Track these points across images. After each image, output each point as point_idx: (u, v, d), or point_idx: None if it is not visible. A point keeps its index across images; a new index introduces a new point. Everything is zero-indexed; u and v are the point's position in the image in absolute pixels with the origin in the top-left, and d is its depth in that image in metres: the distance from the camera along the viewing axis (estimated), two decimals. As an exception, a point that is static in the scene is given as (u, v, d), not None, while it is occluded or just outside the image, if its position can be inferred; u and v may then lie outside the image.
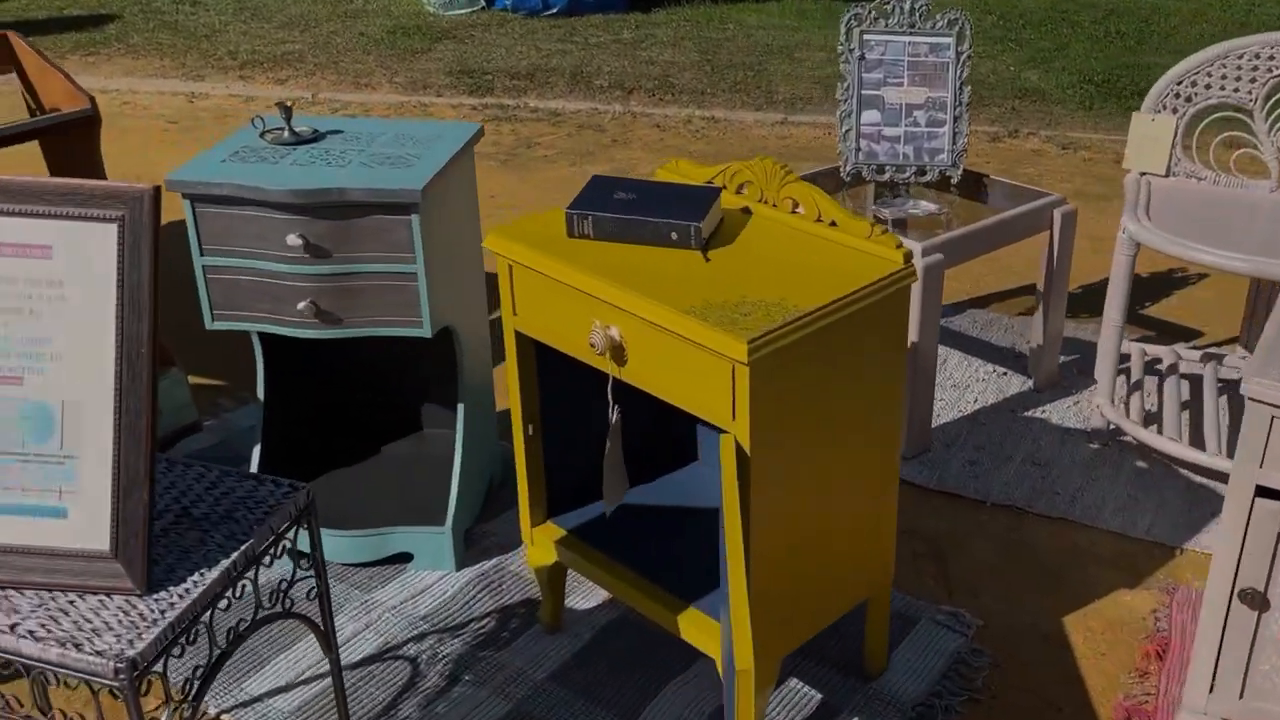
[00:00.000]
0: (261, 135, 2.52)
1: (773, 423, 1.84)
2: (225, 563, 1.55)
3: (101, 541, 1.50)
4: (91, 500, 1.50)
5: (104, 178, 2.80)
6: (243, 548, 1.58)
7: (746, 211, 2.17)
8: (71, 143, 2.78)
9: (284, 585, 1.67)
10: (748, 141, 5.57)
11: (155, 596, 1.50)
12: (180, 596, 1.50)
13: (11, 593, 1.50)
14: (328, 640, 1.78)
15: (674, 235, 2.03)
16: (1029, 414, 3.17)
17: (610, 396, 2.02)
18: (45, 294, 1.50)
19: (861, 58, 3.17)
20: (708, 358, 1.82)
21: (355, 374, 2.91)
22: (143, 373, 1.48)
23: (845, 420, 1.99)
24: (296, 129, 2.52)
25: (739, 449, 1.82)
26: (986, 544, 2.70)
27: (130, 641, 1.42)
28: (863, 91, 3.18)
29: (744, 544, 1.85)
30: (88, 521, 1.50)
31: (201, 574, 1.54)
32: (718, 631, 2.01)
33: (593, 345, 1.95)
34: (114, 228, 1.48)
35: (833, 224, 2.06)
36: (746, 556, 1.86)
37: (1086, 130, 5.65)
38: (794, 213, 2.12)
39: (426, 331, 2.40)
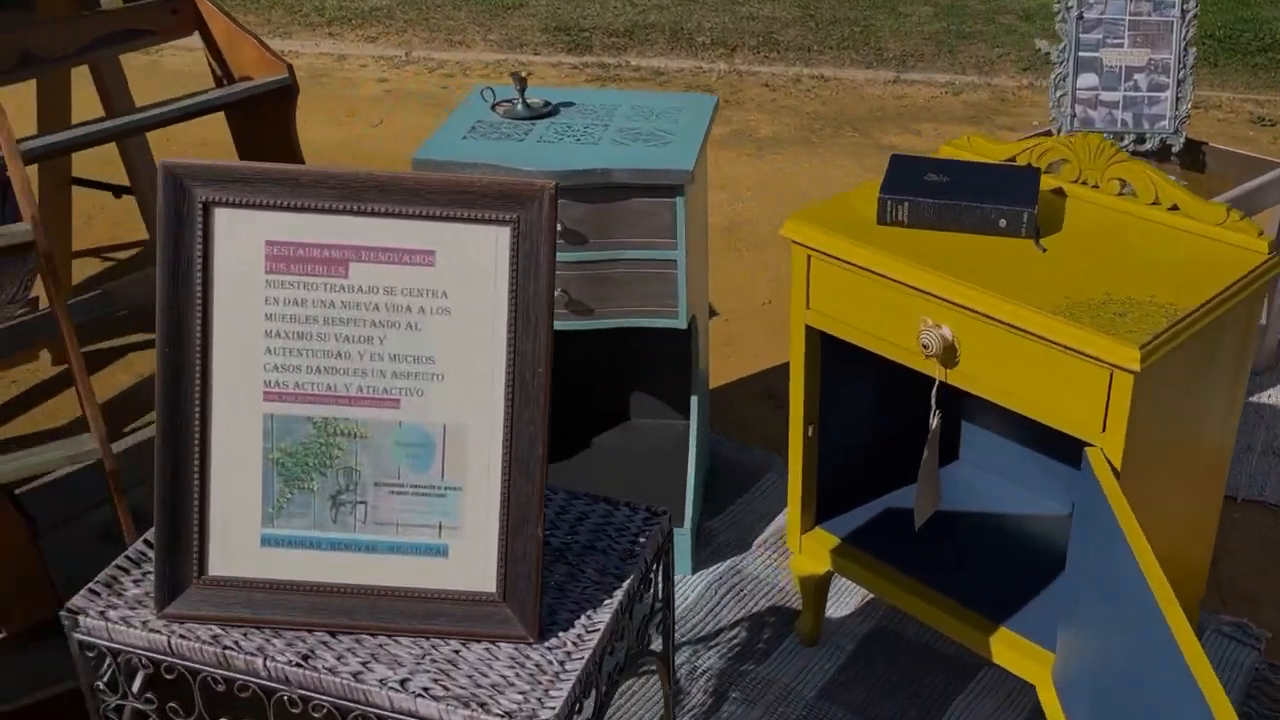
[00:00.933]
0: (493, 108, 2.33)
1: (1146, 435, 1.67)
2: (611, 603, 1.39)
3: (487, 583, 1.34)
4: (476, 537, 1.34)
5: (299, 154, 2.61)
6: (624, 585, 1.41)
7: (1060, 194, 1.99)
8: (263, 116, 2.59)
9: (644, 620, 1.51)
10: (863, 101, 5.36)
11: (547, 644, 1.34)
12: (575, 644, 1.33)
13: (386, 640, 1.34)
14: (669, 675, 1.62)
15: (1002, 222, 1.85)
16: (1255, 399, 3.00)
17: (933, 402, 1.85)
18: (427, 305, 1.32)
19: (1080, 17, 2.97)
20: (1076, 363, 1.64)
21: (558, 360, 2.73)
22: (537, 395, 1.31)
23: (1194, 426, 1.82)
24: (528, 100, 2.33)
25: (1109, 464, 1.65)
26: (1248, 543, 2.54)
27: (539, 699, 1.26)
28: (1079, 54, 2.99)
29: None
30: (472, 560, 1.34)
31: (589, 616, 1.37)
32: (1045, 659, 1.85)
33: (924, 347, 1.78)
34: (507, 231, 1.30)
35: (1173, 208, 1.88)
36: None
37: (1214, 89, 5.44)
38: (1121, 195, 1.94)
39: (681, 322, 2.23)
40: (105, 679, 1.39)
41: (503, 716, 1.24)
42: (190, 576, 1.35)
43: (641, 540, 1.49)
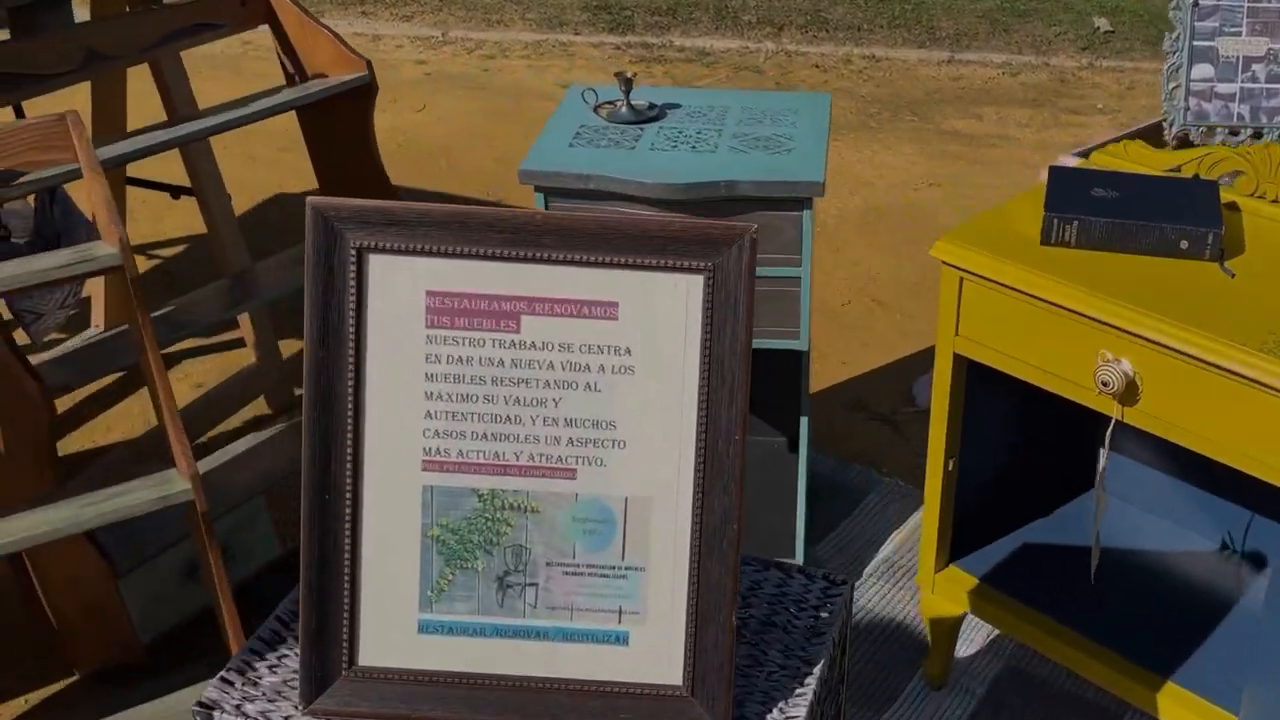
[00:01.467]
0: (595, 110, 2.17)
1: (1358, 484, 1.52)
2: (805, 694, 1.24)
3: (673, 674, 1.19)
4: (660, 623, 1.19)
5: (377, 155, 2.45)
6: (816, 673, 1.26)
7: (1234, 209, 1.83)
8: (338, 114, 2.43)
9: (828, 688, 1.36)
10: (917, 83, 5.18)
11: (742, 743, 1.19)
12: (772, 742, 1.19)
13: (560, 739, 1.19)
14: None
15: (1184, 244, 1.69)
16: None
17: (1107, 443, 1.70)
18: (608, 364, 1.17)
19: (1195, 4, 2.80)
20: (1283, 406, 1.49)
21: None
22: (731, 466, 1.16)
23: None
24: (634, 102, 2.16)
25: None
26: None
27: (744, 812, 1.12)
28: (1194, 43, 2.82)
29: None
30: (655, 649, 1.19)
31: (782, 710, 1.22)
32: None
33: (1103, 384, 1.63)
34: (700, 280, 1.15)
35: (1366, 230, 1.72)
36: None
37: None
38: (1304, 213, 1.79)
39: (803, 344, 2.08)
40: (239, 776, 1.25)
41: (705, 833, 1.10)
42: (339, 667, 1.20)
43: (824, 615, 1.34)
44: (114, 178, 2.96)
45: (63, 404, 2.94)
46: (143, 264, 3.55)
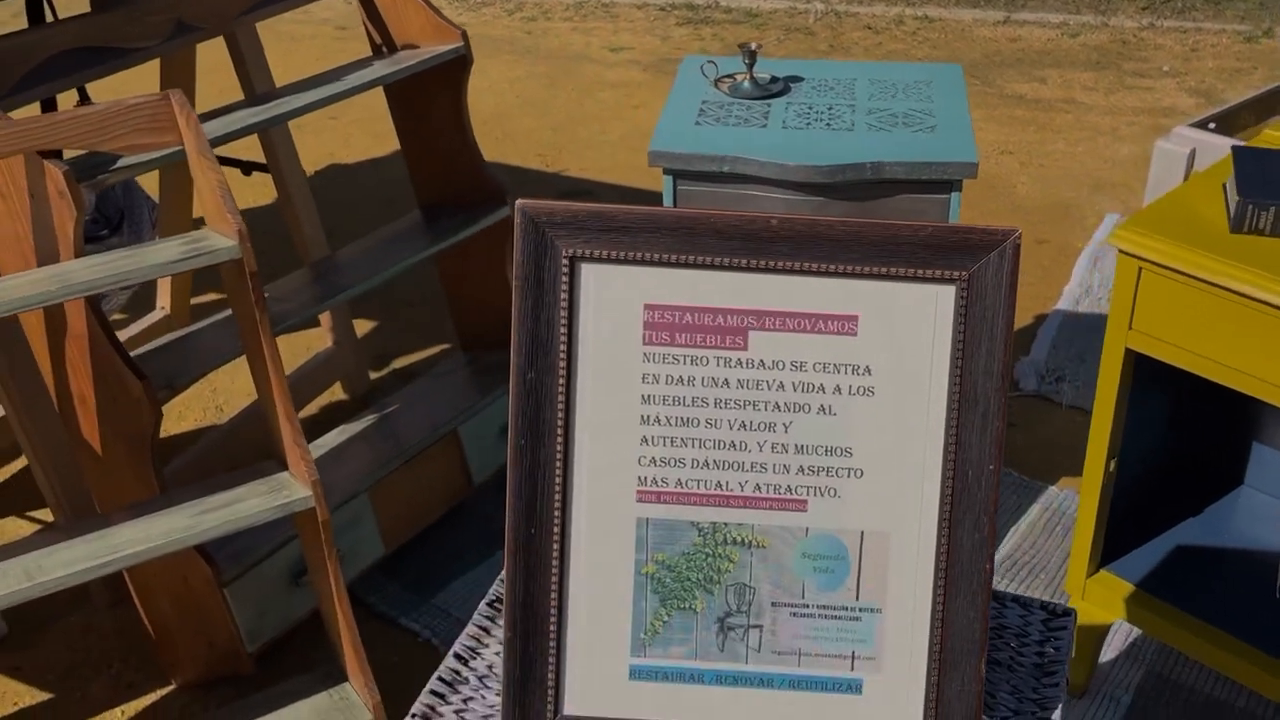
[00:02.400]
0: (715, 84, 2.04)
1: None
2: (1045, 740, 1.14)
3: (912, 725, 1.09)
4: (898, 671, 1.08)
5: (470, 134, 2.33)
6: (1055, 717, 1.16)
7: None
8: (429, 89, 2.30)
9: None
10: (974, 44, 5.04)
11: (987, 798, 1.09)
12: (1019, 797, 1.09)
13: (786, 793, 1.09)
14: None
15: (1387, 235, 1.57)
16: None
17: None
18: (845, 384, 1.05)
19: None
20: None
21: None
22: (984, 498, 1.05)
23: None
24: (757, 76, 2.03)
25: None
26: None
27: None
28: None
29: None
30: (892, 699, 1.09)
31: (1022, 758, 1.12)
32: None
33: (1305, 384, 1.51)
34: (951, 291, 1.03)
35: None
36: None
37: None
38: None
39: (943, 333, 1.95)
40: (425, 830, 1.15)
41: None
42: (544, 717, 1.09)
43: (1051, 650, 1.23)
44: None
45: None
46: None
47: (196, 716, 1.99)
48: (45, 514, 2.40)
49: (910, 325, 1.04)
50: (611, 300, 1.05)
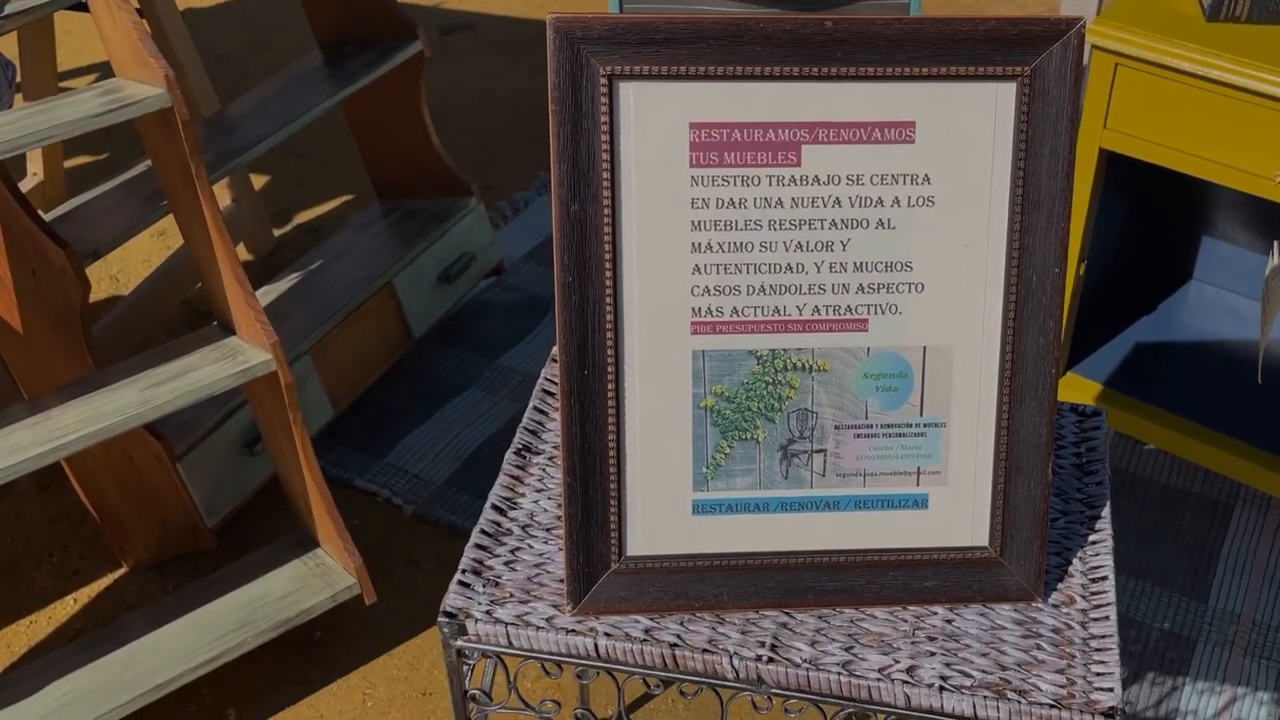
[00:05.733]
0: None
1: None
2: (1103, 539, 1.14)
3: (978, 535, 1.07)
4: (963, 482, 1.06)
5: None
6: (1104, 514, 1.16)
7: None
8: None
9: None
10: None
11: (1053, 603, 1.09)
12: (1086, 599, 1.09)
13: (857, 616, 1.07)
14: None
15: (1358, 15, 1.57)
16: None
17: None
18: (903, 195, 1.00)
19: None
20: None
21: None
22: (1050, 303, 1.02)
23: None
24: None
25: None
26: None
27: (1084, 679, 1.02)
28: None
29: None
30: (959, 510, 1.07)
31: (1082, 559, 1.12)
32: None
33: (1288, 174, 1.52)
34: (1011, 88, 0.98)
35: None
36: None
37: None
38: None
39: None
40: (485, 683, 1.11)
41: (1051, 706, 1.00)
42: (608, 560, 1.05)
43: (1089, 449, 1.23)
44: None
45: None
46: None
47: (156, 597, 1.90)
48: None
49: (969, 128, 1.00)
50: (655, 121, 0.98)
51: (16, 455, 1.49)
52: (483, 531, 1.14)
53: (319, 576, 1.77)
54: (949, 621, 1.07)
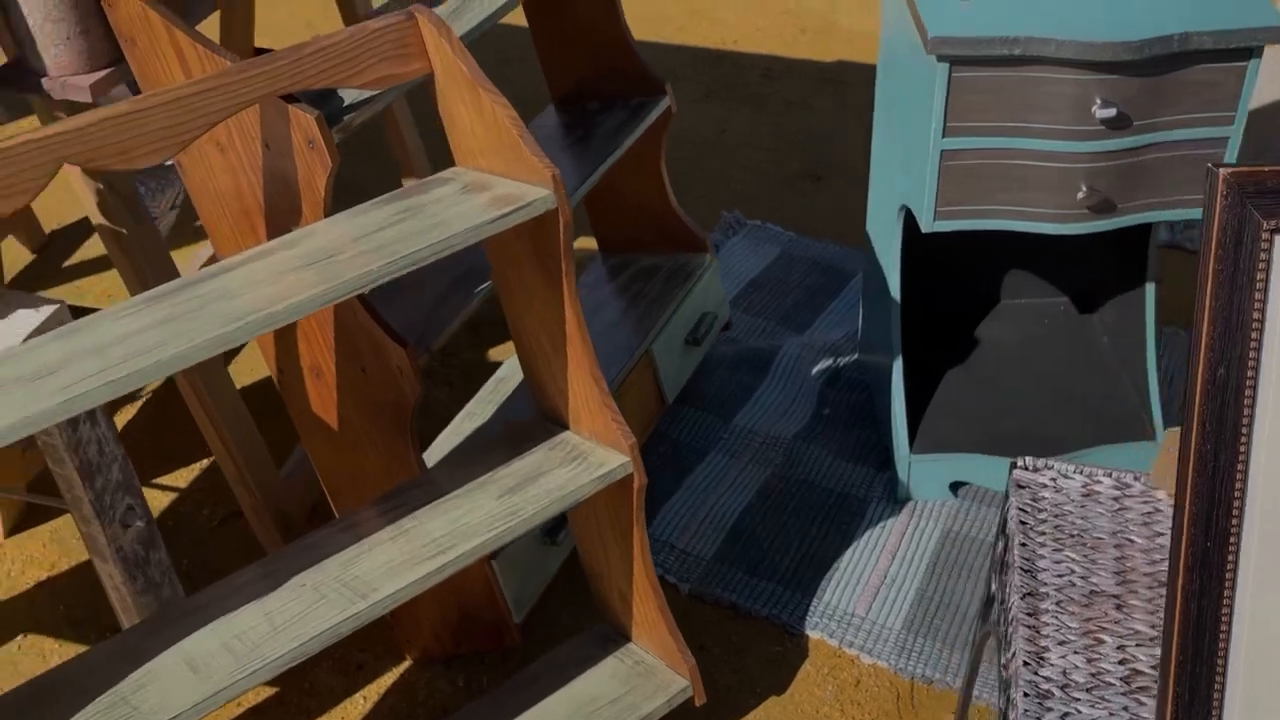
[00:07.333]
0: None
1: None
2: None
3: None
4: None
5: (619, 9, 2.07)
6: None
7: None
8: None
9: None
10: None
11: None
12: None
13: None
14: None
15: None
16: None
17: None
18: None
19: None
20: None
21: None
22: None
23: None
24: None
25: None
26: None
27: None
28: None
29: None
30: None
31: None
32: None
33: None
34: None
35: None
36: None
37: None
38: None
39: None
40: None
41: None
42: (1206, 740, 0.98)
43: None
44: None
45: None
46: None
47: (447, 693, 1.82)
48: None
49: None
50: (1305, 276, 0.90)
51: (397, 579, 1.39)
52: (1025, 695, 1.06)
53: (642, 676, 1.70)
54: None
